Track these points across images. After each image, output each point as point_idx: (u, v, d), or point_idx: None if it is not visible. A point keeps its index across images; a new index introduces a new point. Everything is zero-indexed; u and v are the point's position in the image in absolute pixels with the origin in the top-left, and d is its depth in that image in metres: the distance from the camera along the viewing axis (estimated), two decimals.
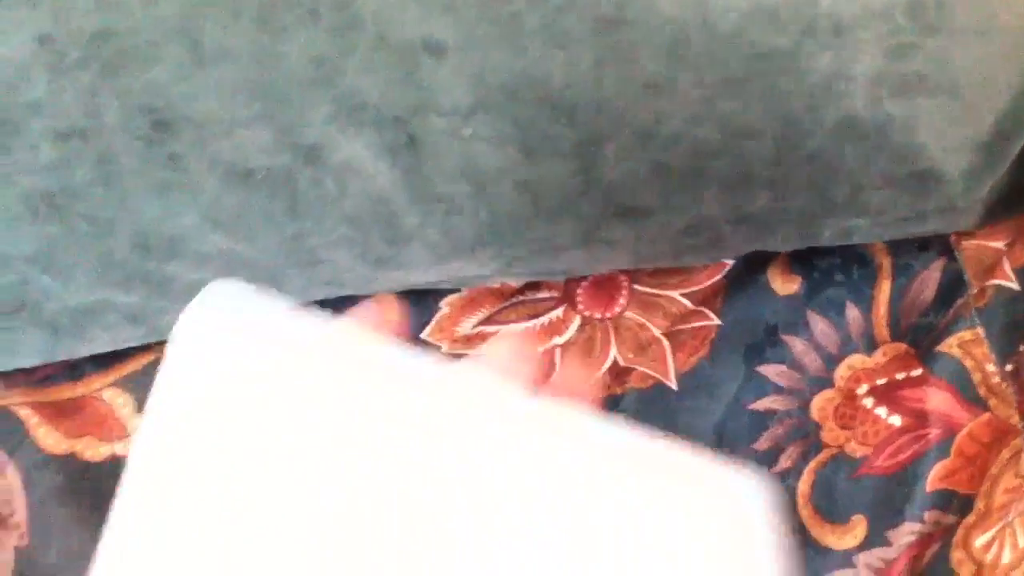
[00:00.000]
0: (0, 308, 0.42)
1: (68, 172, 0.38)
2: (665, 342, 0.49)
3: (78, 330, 0.44)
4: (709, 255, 0.47)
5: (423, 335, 0.51)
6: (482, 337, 0.50)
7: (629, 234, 0.43)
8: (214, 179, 0.38)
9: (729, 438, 0.47)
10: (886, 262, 0.49)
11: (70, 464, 0.47)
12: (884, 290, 0.49)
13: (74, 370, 0.49)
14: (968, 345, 0.45)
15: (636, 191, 0.40)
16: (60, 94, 0.37)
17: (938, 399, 0.45)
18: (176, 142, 0.38)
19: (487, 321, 0.51)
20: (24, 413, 0.48)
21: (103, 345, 0.46)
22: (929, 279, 0.48)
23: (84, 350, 0.46)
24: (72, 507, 0.46)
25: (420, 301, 0.51)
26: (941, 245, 0.49)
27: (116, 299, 0.43)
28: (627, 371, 0.49)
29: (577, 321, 0.50)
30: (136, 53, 0.37)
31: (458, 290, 0.52)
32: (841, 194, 0.41)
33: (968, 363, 0.45)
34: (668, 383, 0.48)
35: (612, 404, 0.48)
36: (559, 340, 0.50)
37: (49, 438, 0.48)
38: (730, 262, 0.51)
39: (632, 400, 0.48)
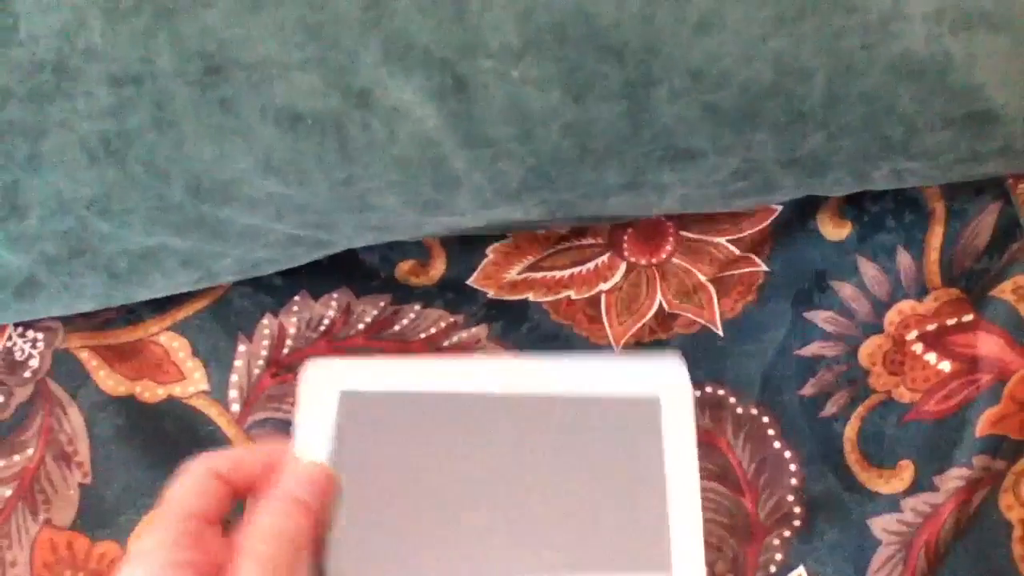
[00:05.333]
0: (60, 253, 0.43)
1: (124, 117, 0.39)
2: (712, 288, 0.49)
3: (135, 275, 0.45)
4: (759, 199, 0.46)
5: (469, 281, 0.51)
6: (528, 284, 0.51)
7: (678, 177, 0.42)
8: (266, 123, 0.39)
9: (776, 384, 0.47)
10: (939, 207, 0.48)
11: (129, 405, 0.49)
12: (937, 235, 0.48)
13: (132, 315, 0.51)
14: (1023, 290, 0.45)
15: (686, 133, 0.40)
16: (115, 39, 0.38)
17: (990, 344, 0.44)
18: (228, 86, 0.38)
19: (533, 268, 0.51)
20: (84, 356, 0.50)
21: (159, 290, 0.47)
22: (984, 223, 0.47)
23: (141, 295, 0.48)
24: (132, 446, 0.47)
25: (467, 247, 0.52)
26: (996, 189, 0.48)
27: (171, 243, 0.44)
28: (673, 317, 0.49)
29: (623, 267, 0.50)
30: None
31: (504, 236, 0.52)
32: (896, 135, 0.40)
33: (1022, 308, 0.44)
34: (714, 329, 0.48)
35: (658, 350, 0.48)
36: (605, 286, 0.50)
37: (109, 380, 0.49)
38: (778, 208, 0.51)
39: (678, 345, 0.48)
